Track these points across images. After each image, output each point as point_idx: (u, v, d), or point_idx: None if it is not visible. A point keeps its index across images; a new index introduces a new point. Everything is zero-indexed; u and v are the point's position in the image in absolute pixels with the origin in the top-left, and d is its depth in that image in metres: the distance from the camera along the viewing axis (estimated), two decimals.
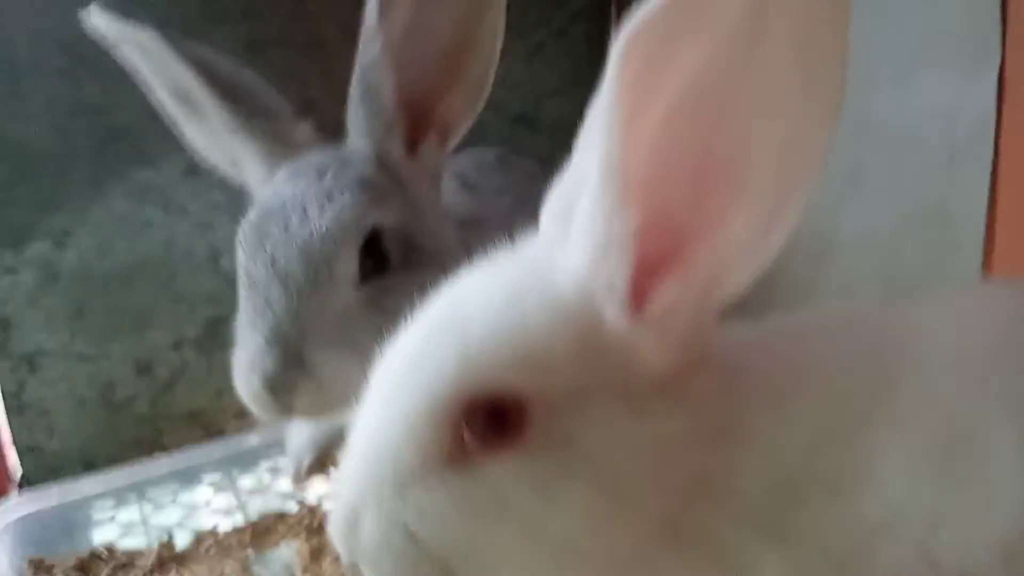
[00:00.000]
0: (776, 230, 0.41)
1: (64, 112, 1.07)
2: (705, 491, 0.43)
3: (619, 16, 1.27)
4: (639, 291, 0.42)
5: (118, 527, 1.01)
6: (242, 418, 1.25)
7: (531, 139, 1.38)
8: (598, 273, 0.43)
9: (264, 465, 1.12)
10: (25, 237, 1.08)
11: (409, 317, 0.57)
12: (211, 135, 0.80)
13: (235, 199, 1.17)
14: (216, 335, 1.22)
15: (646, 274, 0.42)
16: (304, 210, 0.69)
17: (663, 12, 0.35)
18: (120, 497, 1.06)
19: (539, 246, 0.50)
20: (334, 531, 0.47)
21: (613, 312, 0.43)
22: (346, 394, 0.66)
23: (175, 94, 0.81)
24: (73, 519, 1.00)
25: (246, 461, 1.12)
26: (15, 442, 1.11)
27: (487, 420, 0.43)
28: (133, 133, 1.11)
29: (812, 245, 1.06)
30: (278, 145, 0.78)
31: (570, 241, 0.44)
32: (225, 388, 1.23)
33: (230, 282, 1.19)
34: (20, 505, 0.98)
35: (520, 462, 0.42)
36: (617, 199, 0.40)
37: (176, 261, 1.17)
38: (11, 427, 1.11)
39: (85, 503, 1.02)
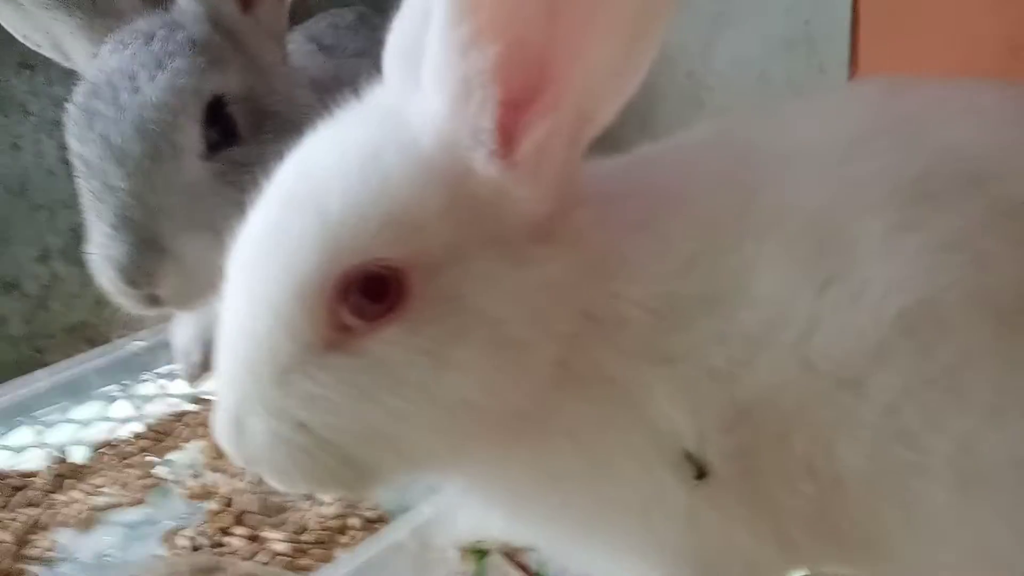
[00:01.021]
0: (638, 55, 0.39)
1: None
2: (592, 327, 0.43)
3: None
4: (506, 133, 0.40)
5: (9, 452, 0.96)
6: (129, 326, 1.21)
7: None
8: (459, 117, 0.40)
9: (157, 370, 1.08)
10: None
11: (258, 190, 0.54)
12: (25, 16, 0.72)
13: None
14: (84, 242, 1.15)
15: (511, 113, 0.40)
16: (133, 81, 0.63)
17: None
18: (6, 421, 1.01)
19: (388, 94, 0.47)
20: (220, 437, 0.44)
21: (481, 158, 0.40)
22: (209, 271, 0.62)
23: None
24: None
25: (136, 368, 1.08)
26: None
27: (364, 295, 0.40)
28: None
29: (686, 86, 1.06)
30: (99, 16, 0.70)
31: (423, 85, 0.41)
32: (103, 296, 1.19)
33: None
34: None
35: (406, 332, 0.40)
36: (469, 31, 0.38)
37: (26, 167, 1.08)
38: None
39: None
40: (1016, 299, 0.40)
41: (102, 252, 0.63)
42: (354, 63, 0.87)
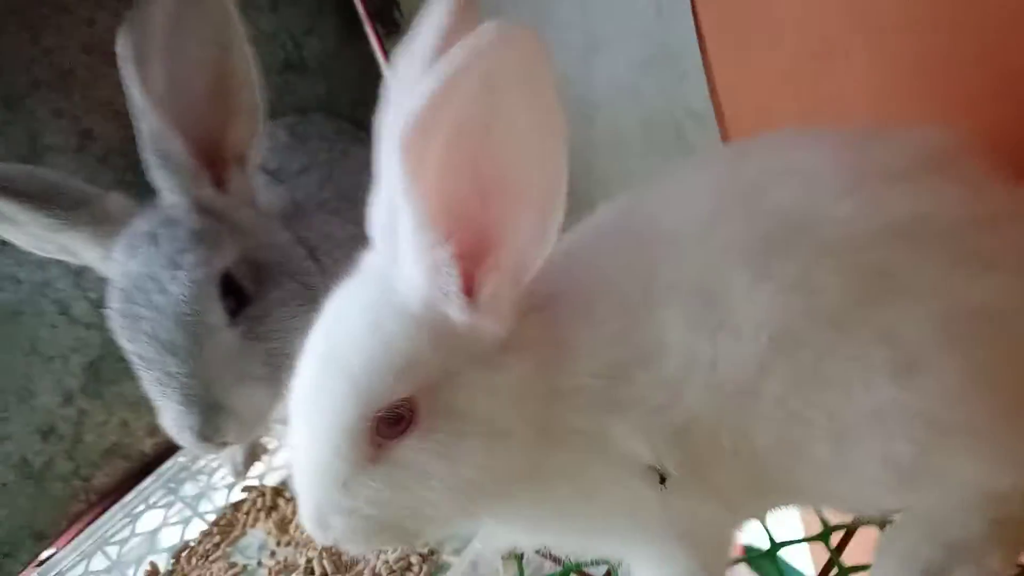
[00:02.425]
0: (551, 220, 0.56)
1: None
2: (558, 398, 0.60)
3: None
4: (467, 288, 0.56)
5: None
6: (155, 436, 1.36)
7: (303, 80, 1.43)
8: (433, 287, 0.56)
9: (197, 471, 1.23)
10: None
11: (288, 336, 0.71)
12: (34, 238, 0.85)
13: None
14: (99, 376, 1.28)
15: (468, 275, 0.56)
16: (158, 283, 0.77)
17: (425, 107, 0.48)
18: (84, 554, 1.16)
19: (379, 262, 0.62)
20: (311, 529, 0.61)
21: (453, 310, 0.57)
22: (262, 412, 0.79)
23: None
24: None
25: (179, 475, 1.23)
26: None
27: (388, 420, 0.57)
28: None
29: (578, 107, 1.22)
30: (100, 224, 0.84)
31: (402, 261, 0.57)
32: (129, 417, 1.33)
33: (87, 325, 1.27)
34: None
35: (420, 439, 0.57)
36: (430, 237, 0.53)
37: (34, 327, 1.21)
38: None
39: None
40: (842, 310, 0.58)
41: (177, 422, 0.78)
42: (303, 181, 1.02)
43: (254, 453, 1.07)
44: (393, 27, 1.43)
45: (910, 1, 0.86)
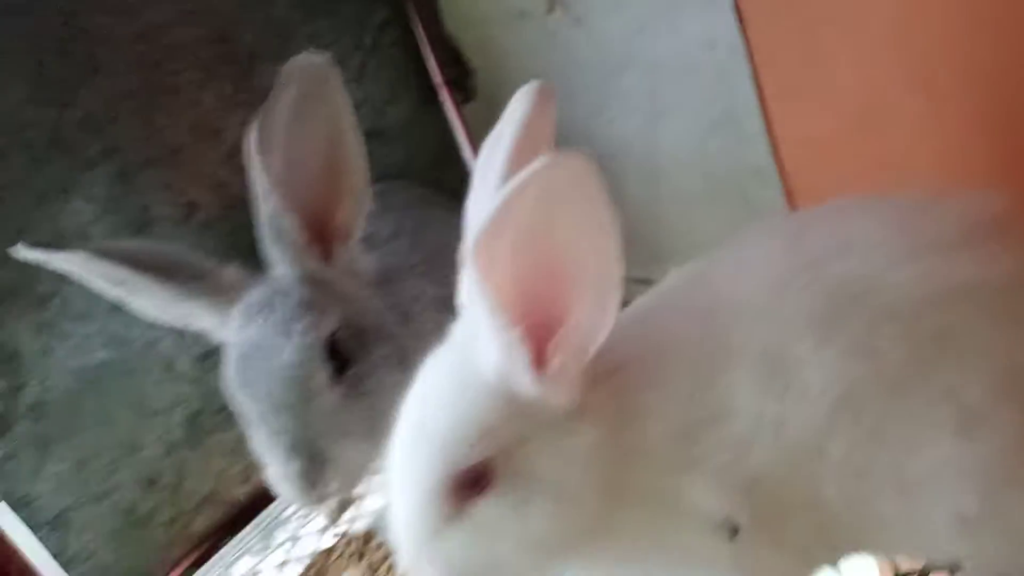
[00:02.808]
0: (610, 301, 0.61)
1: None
2: (628, 461, 0.65)
3: (420, 17, 1.41)
4: (538, 362, 0.62)
5: None
6: (248, 483, 1.44)
7: (384, 147, 1.53)
8: (508, 364, 0.62)
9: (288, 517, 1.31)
10: (9, 424, 1.20)
11: (385, 394, 0.79)
12: (157, 308, 0.95)
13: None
14: (198, 428, 1.38)
15: (538, 353, 0.62)
16: (272, 349, 0.85)
17: (493, 219, 0.55)
18: None
19: (463, 333, 0.68)
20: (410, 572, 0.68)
21: (525, 383, 0.63)
22: (361, 464, 0.85)
23: (113, 284, 0.94)
24: None
25: (272, 524, 1.30)
26: None
27: (468, 481, 0.63)
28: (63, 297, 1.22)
29: (643, 166, 1.28)
30: (218, 295, 0.93)
31: (481, 337, 0.63)
32: (225, 466, 1.42)
33: (189, 380, 1.36)
34: None
35: (497, 499, 0.63)
36: (502, 320, 0.59)
37: (139, 386, 1.31)
38: None
39: None
40: (904, 372, 0.62)
41: (283, 472, 0.85)
42: (393, 247, 1.09)
43: (346, 500, 1.14)
44: (469, 95, 1.52)
45: (966, 63, 0.90)
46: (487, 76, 1.46)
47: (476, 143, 1.60)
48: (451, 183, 1.60)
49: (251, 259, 1.37)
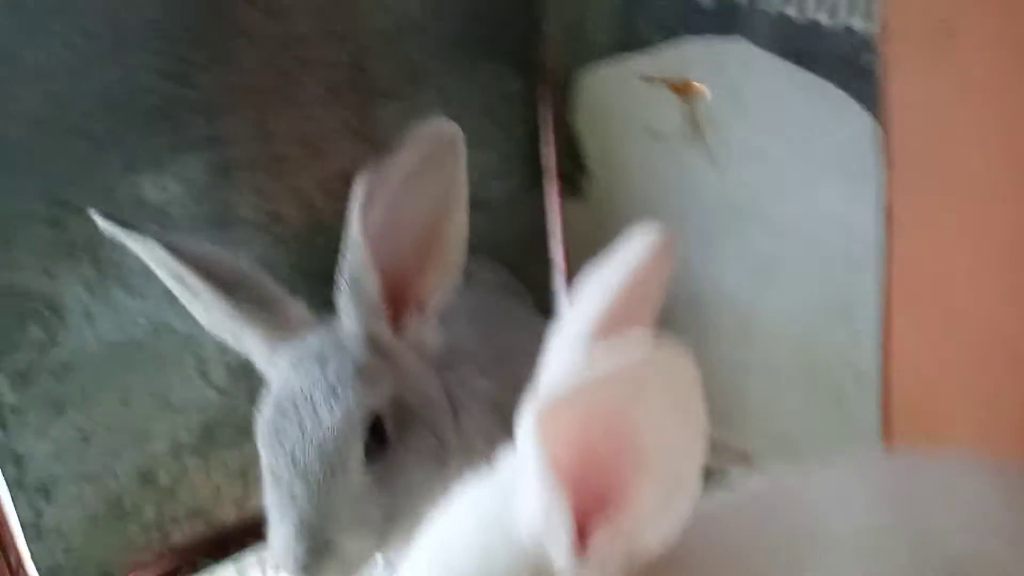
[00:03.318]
0: (680, 500, 0.54)
1: (52, 254, 1.15)
2: None
3: (548, 97, 1.39)
4: (580, 541, 0.54)
5: None
6: (241, 510, 1.38)
7: (479, 217, 1.49)
8: (547, 530, 0.54)
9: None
10: (30, 377, 1.17)
11: (412, 491, 0.73)
12: (213, 317, 0.91)
13: None
14: (211, 439, 1.33)
15: (584, 525, 0.54)
16: (314, 408, 0.80)
17: (569, 396, 0.48)
18: None
19: (507, 482, 0.60)
20: None
21: (559, 557, 0.55)
22: (365, 558, 0.79)
23: (173, 279, 0.91)
24: None
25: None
26: (36, 566, 1.21)
27: None
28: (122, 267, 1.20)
29: (736, 324, 1.22)
30: (275, 328, 0.89)
31: (523, 488, 0.56)
32: (223, 485, 1.37)
33: (219, 390, 1.32)
34: None
35: None
36: (551, 481, 0.53)
37: (168, 377, 1.27)
38: (31, 553, 1.20)
39: None
40: None
41: (283, 546, 0.79)
42: (463, 330, 1.03)
43: None
44: (576, 193, 1.48)
45: None
46: (600, 180, 1.43)
47: (568, 242, 1.56)
48: (534, 274, 1.56)
49: (318, 288, 1.35)
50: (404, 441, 0.84)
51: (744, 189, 1.16)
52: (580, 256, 1.55)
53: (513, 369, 1.08)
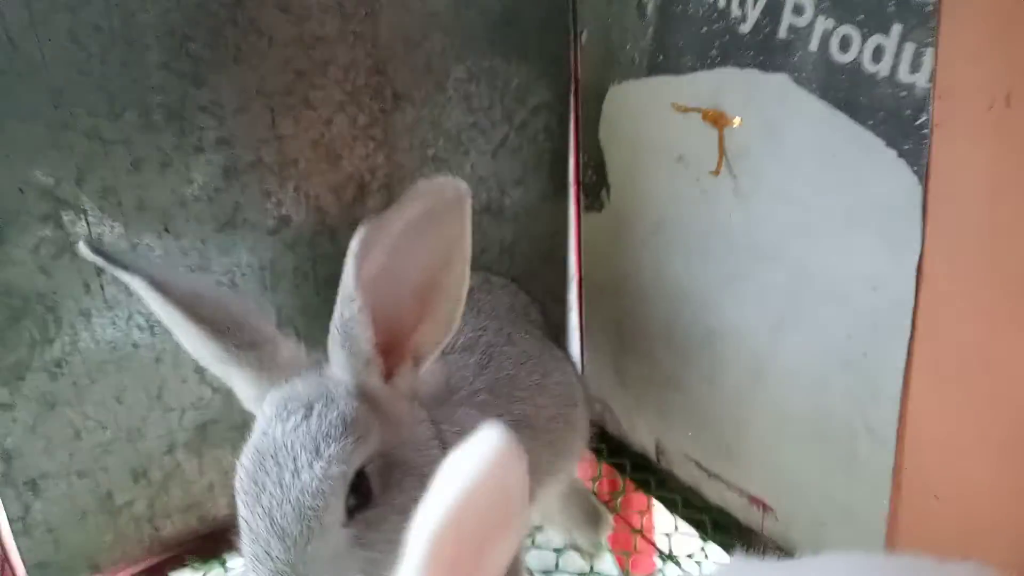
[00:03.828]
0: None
1: (50, 253, 1.12)
2: None
3: (576, 107, 1.34)
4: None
5: None
6: (232, 507, 1.36)
7: (496, 226, 1.45)
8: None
9: None
10: (22, 374, 1.14)
11: (392, 547, 0.70)
12: (202, 356, 0.87)
13: None
14: (205, 438, 1.31)
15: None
16: (295, 465, 0.76)
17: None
18: None
19: None
20: None
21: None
22: None
23: (166, 317, 0.87)
24: None
25: None
26: (24, 561, 1.20)
27: None
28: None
29: (751, 361, 1.17)
30: (264, 371, 0.85)
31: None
32: (216, 482, 1.35)
33: (214, 388, 1.29)
34: None
35: None
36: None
37: (165, 377, 1.25)
38: (19, 548, 1.19)
39: None
40: None
41: None
42: (462, 362, 1.00)
43: None
44: (595, 206, 1.43)
45: None
46: (623, 197, 1.37)
47: (583, 254, 1.52)
48: (550, 284, 1.52)
49: (325, 294, 1.31)
50: (388, 497, 0.80)
51: (770, 229, 1.10)
52: (594, 268, 1.50)
53: (508, 403, 1.05)
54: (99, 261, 0.85)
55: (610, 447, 1.48)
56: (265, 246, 1.26)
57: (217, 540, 1.35)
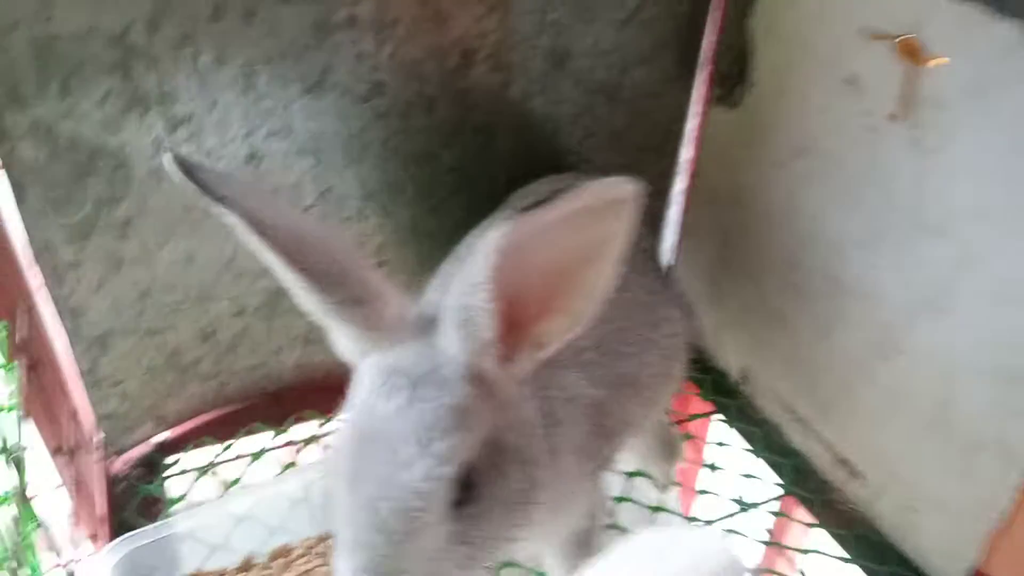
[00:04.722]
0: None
1: (120, 106, 1.00)
2: None
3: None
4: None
5: None
6: (298, 372, 1.33)
7: (609, 110, 1.27)
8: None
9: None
10: (89, 233, 1.06)
11: (491, 544, 0.67)
12: (300, 300, 0.77)
13: (296, 187, 1.14)
14: (275, 305, 1.24)
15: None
16: (399, 458, 0.68)
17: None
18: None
19: None
20: None
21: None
22: None
23: (259, 254, 0.76)
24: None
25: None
26: (94, 412, 1.19)
27: None
28: (192, 124, 1.05)
29: (879, 331, 1.06)
30: (367, 330, 0.75)
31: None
32: (284, 346, 1.30)
33: None
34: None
35: None
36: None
37: (235, 241, 1.16)
38: (89, 399, 1.17)
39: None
40: None
41: None
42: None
43: None
44: (726, 99, 1.24)
45: None
46: (764, 101, 1.18)
47: (703, 149, 1.34)
48: (653, 178, 1.36)
49: (412, 171, 1.19)
50: (492, 489, 0.72)
51: (947, 199, 0.94)
52: (712, 169, 1.34)
53: (615, 361, 0.95)
54: (187, 183, 0.73)
55: (692, 359, 1.40)
56: (354, 114, 1.12)
57: (282, 400, 1.34)
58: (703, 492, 1.21)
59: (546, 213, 0.61)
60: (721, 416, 1.33)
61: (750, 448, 1.28)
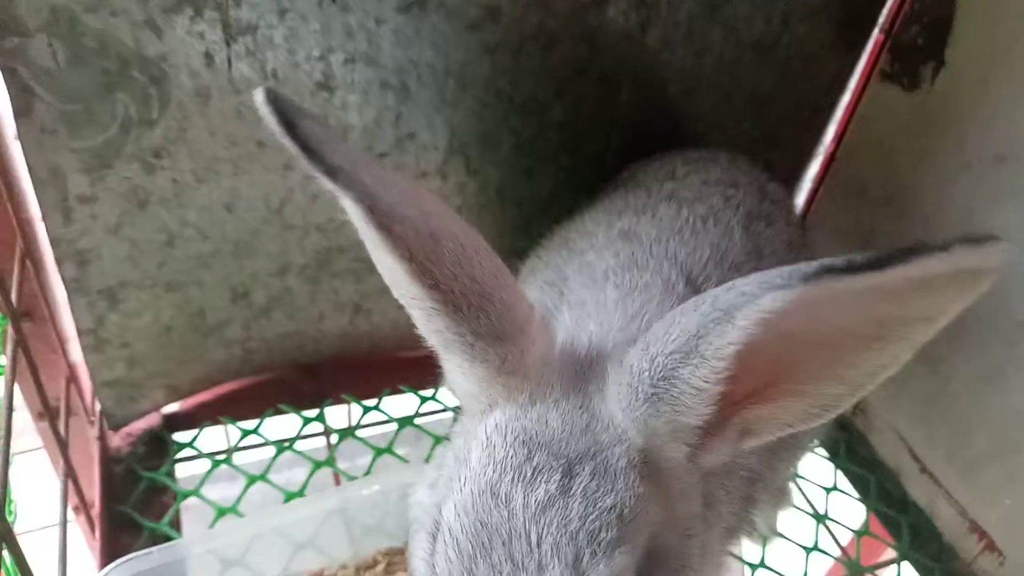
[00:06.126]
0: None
1: (164, 5, 0.75)
2: None
3: None
4: None
5: None
6: (337, 345, 1.11)
7: (757, 67, 1.04)
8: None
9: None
10: (110, 161, 0.82)
11: None
12: (420, 325, 0.55)
13: (371, 130, 0.91)
14: (325, 265, 1.02)
15: None
16: (533, 555, 0.48)
17: None
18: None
19: None
20: None
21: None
22: None
23: (378, 258, 0.54)
24: None
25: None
26: (92, 379, 0.97)
27: None
28: (255, 36, 0.80)
29: None
30: (505, 375, 0.53)
31: None
32: (329, 313, 1.09)
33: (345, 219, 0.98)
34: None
35: None
36: None
37: (291, 188, 0.93)
38: (88, 364, 0.95)
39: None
40: None
41: None
42: None
43: None
44: (904, 78, 1.01)
45: None
46: (961, 86, 0.96)
47: (857, 133, 1.12)
48: (785, 157, 1.13)
49: (512, 118, 0.96)
50: None
51: None
52: (863, 153, 1.12)
53: None
54: (285, 139, 0.50)
55: None
56: (457, 44, 0.88)
57: (318, 375, 1.13)
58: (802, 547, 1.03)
59: (864, 276, 0.40)
60: (823, 451, 1.14)
61: (858, 496, 1.09)
